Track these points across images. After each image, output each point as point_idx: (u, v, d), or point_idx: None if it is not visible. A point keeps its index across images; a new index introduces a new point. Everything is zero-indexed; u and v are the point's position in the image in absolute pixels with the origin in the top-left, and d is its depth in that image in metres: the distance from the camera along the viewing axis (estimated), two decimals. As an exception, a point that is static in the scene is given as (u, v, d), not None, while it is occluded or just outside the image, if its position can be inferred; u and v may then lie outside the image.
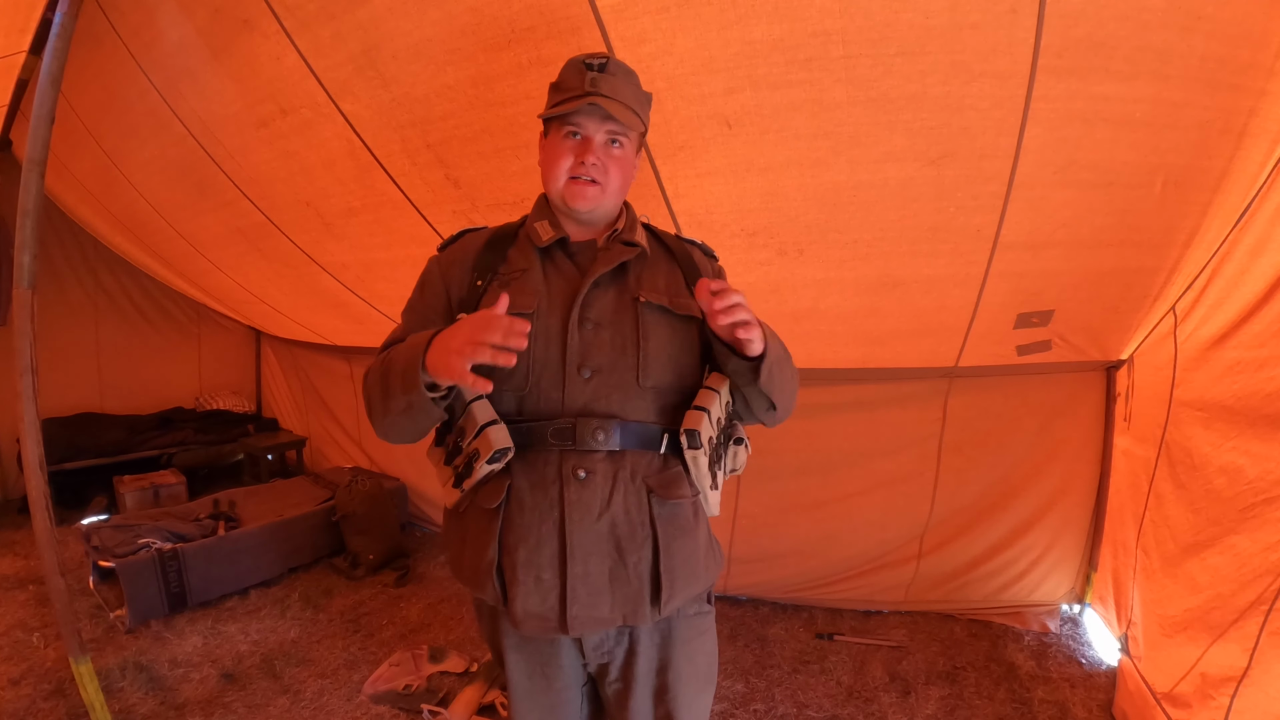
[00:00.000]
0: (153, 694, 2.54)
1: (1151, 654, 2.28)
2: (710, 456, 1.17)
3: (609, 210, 1.25)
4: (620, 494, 1.12)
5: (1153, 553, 2.34)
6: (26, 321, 2.02)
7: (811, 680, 2.68)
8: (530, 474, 1.12)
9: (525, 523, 1.11)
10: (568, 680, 1.26)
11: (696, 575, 1.19)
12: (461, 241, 1.31)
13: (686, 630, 1.24)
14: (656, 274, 1.25)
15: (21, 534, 4.09)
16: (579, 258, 1.24)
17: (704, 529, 1.24)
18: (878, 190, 1.92)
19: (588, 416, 1.12)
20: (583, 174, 1.17)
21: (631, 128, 1.19)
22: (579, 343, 1.15)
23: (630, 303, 1.19)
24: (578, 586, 1.10)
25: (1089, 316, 2.51)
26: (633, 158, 1.25)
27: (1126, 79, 1.57)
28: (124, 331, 5.48)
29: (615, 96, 1.14)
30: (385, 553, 3.83)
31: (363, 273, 3.42)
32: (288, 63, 2.12)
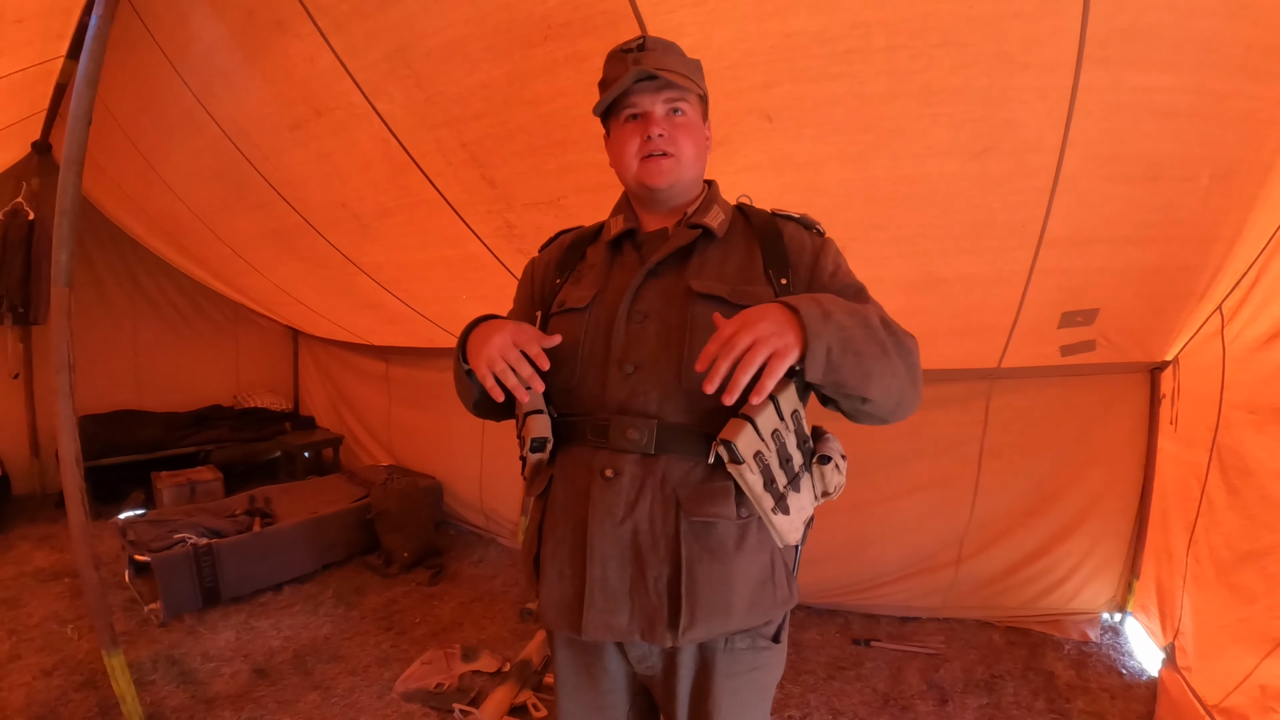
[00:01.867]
0: (184, 687, 2.57)
1: (1203, 665, 2.21)
2: (766, 476, 1.01)
3: (689, 184, 1.18)
4: (646, 501, 1.05)
5: (1205, 560, 2.27)
6: (63, 319, 2.05)
7: (847, 687, 2.64)
8: (566, 468, 1.13)
9: (556, 517, 1.13)
10: (614, 684, 1.21)
11: (730, 608, 1.04)
12: (556, 241, 1.35)
13: (732, 664, 1.11)
14: (727, 259, 1.14)
15: (59, 528, 4.18)
16: (645, 248, 1.18)
17: (755, 558, 1.08)
18: (920, 185, 1.87)
19: (624, 414, 1.07)
20: (652, 149, 1.12)
21: (689, 90, 1.12)
22: (624, 336, 1.10)
23: (683, 293, 1.10)
24: (595, 590, 1.06)
25: (1133, 315, 2.44)
26: (700, 124, 1.18)
27: (1171, 69, 1.52)
28: (162, 331, 5.60)
29: (661, 67, 1.10)
30: (419, 551, 3.85)
31: (398, 273, 3.45)
32: (321, 63, 2.14)
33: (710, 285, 1.09)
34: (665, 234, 1.18)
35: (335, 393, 5.86)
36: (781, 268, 1.12)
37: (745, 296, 1.07)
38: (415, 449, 4.87)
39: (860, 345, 0.95)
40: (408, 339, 4.51)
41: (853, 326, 0.95)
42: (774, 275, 1.11)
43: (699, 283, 1.10)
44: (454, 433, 4.44)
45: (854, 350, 0.94)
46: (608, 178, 2.09)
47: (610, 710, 1.22)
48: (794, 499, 1.05)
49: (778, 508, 1.04)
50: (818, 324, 0.91)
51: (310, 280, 4.19)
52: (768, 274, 1.11)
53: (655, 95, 1.11)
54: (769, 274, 1.11)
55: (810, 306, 0.93)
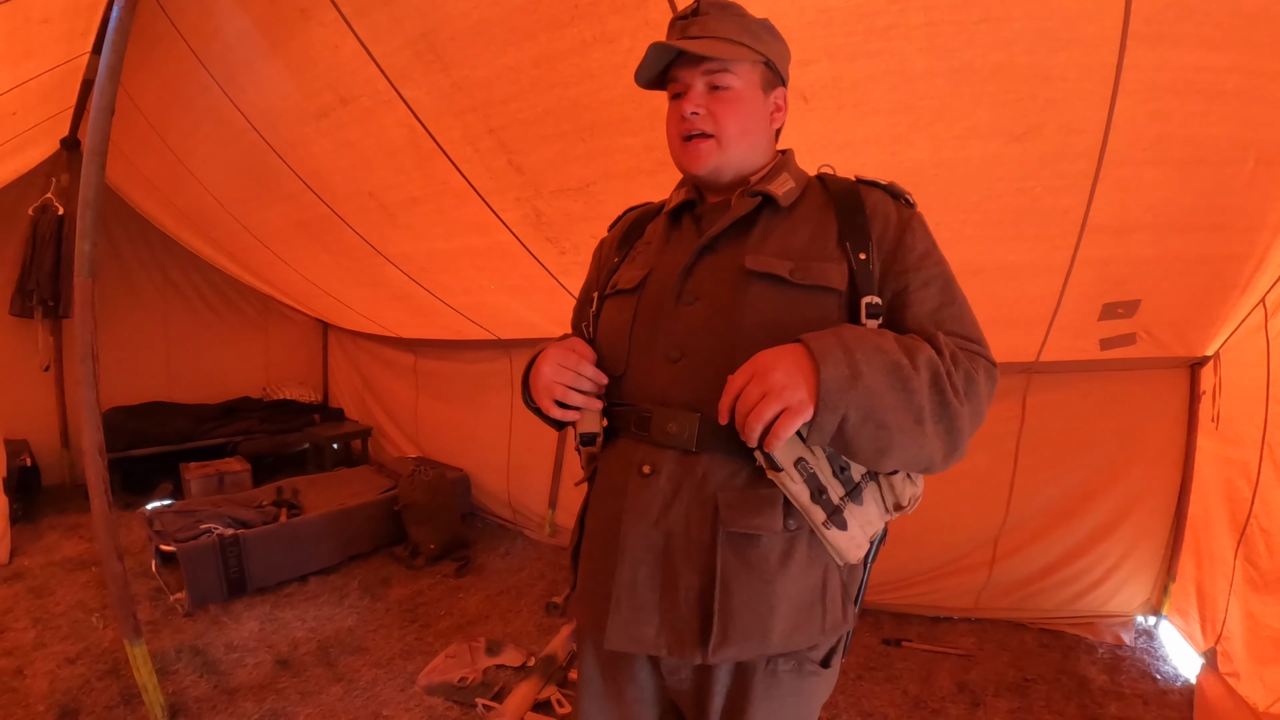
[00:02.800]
0: (206, 677, 2.58)
1: (1254, 670, 2.14)
2: (813, 485, 0.92)
3: (740, 163, 1.05)
4: (682, 503, 0.97)
5: (1261, 563, 2.20)
6: (87, 309, 2.06)
7: (877, 688, 2.59)
8: (609, 460, 1.08)
9: (594, 511, 1.09)
10: (641, 695, 1.11)
11: (768, 630, 0.94)
12: (622, 220, 1.28)
13: (772, 687, 1.01)
14: (795, 232, 1.02)
15: (88, 517, 4.21)
16: (704, 221, 1.08)
17: (804, 577, 0.97)
18: (961, 169, 1.82)
19: (667, 405, 0.99)
20: (687, 129, 1.02)
21: (732, 59, 0.99)
22: (671, 320, 1.02)
23: (737, 271, 0.99)
24: (622, 596, 0.99)
25: (1175, 308, 2.37)
26: (753, 95, 1.04)
27: (1217, 47, 1.46)
28: (191, 323, 5.67)
29: (706, 34, 0.99)
30: (446, 543, 3.85)
31: (425, 263, 3.45)
32: (346, 50, 2.13)
33: (768, 262, 0.98)
34: (727, 205, 1.07)
35: (363, 385, 5.91)
36: (861, 240, 0.99)
37: (810, 274, 0.97)
38: (443, 441, 4.89)
39: (887, 415, 0.84)
40: (436, 331, 4.52)
41: (886, 391, 0.84)
42: (851, 249, 0.98)
43: (755, 259, 0.98)
44: (481, 425, 4.45)
45: (876, 421, 0.84)
46: (637, 162, 2.09)
47: None
48: (854, 512, 0.95)
49: (831, 521, 0.93)
50: (839, 389, 0.82)
51: (338, 272, 4.22)
52: (843, 247, 0.98)
53: (694, 69, 1.01)
54: (845, 247, 0.98)
55: (837, 364, 0.83)
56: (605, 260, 1.23)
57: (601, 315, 1.14)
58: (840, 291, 0.97)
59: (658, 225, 1.16)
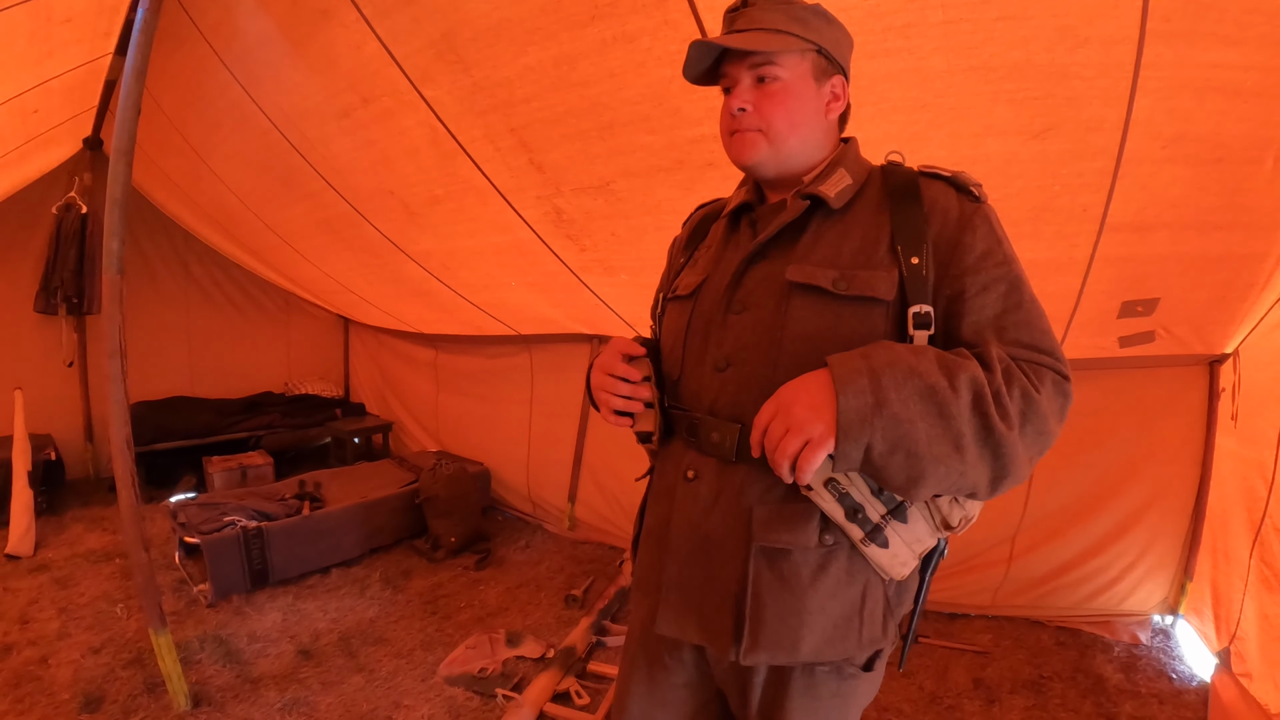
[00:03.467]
0: (229, 667, 2.62)
1: (1267, 672, 2.13)
2: (847, 505, 0.90)
3: (791, 157, 1.02)
4: (720, 512, 0.99)
5: (1275, 564, 2.19)
6: (115, 305, 2.11)
7: (893, 683, 2.59)
8: (664, 461, 1.12)
9: (652, 508, 1.14)
10: (687, 680, 1.15)
11: (797, 641, 0.94)
12: (692, 217, 1.27)
13: (812, 687, 1.01)
14: (847, 236, 0.98)
15: (111, 510, 4.31)
16: (759, 224, 1.06)
17: (840, 592, 0.95)
18: (979, 167, 1.79)
19: (713, 415, 1.01)
20: (734, 125, 1.01)
21: (779, 50, 0.96)
22: (721, 330, 1.02)
23: (783, 281, 0.97)
24: (670, 590, 1.04)
25: (1194, 306, 2.36)
26: (803, 87, 0.99)
27: (1236, 44, 1.44)
28: (214, 319, 5.74)
29: (752, 27, 0.97)
30: (466, 536, 3.89)
31: (447, 260, 3.48)
32: (367, 51, 2.15)
33: (810, 273, 0.95)
34: (783, 206, 1.04)
35: (384, 380, 5.96)
36: (914, 242, 0.93)
37: (855, 284, 0.93)
38: (463, 436, 4.93)
39: (920, 445, 0.81)
40: (457, 326, 4.55)
41: (917, 419, 0.80)
42: (902, 252, 0.93)
43: (798, 270, 0.96)
44: (502, 420, 4.48)
45: (906, 450, 0.81)
46: (658, 160, 2.10)
47: (675, 707, 1.16)
48: (899, 530, 0.92)
49: (870, 539, 0.92)
50: (858, 419, 0.80)
51: (360, 269, 4.25)
52: (894, 251, 0.94)
53: (740, 63, 0.99)
54: (896, 251, 0.94)
55: (858, 393, 0.81)
56: (673, 260, 1.25)
57: (664, 319, 1.17)
58: (887, 302, 0.93)
59: (719, 227, 1.15)
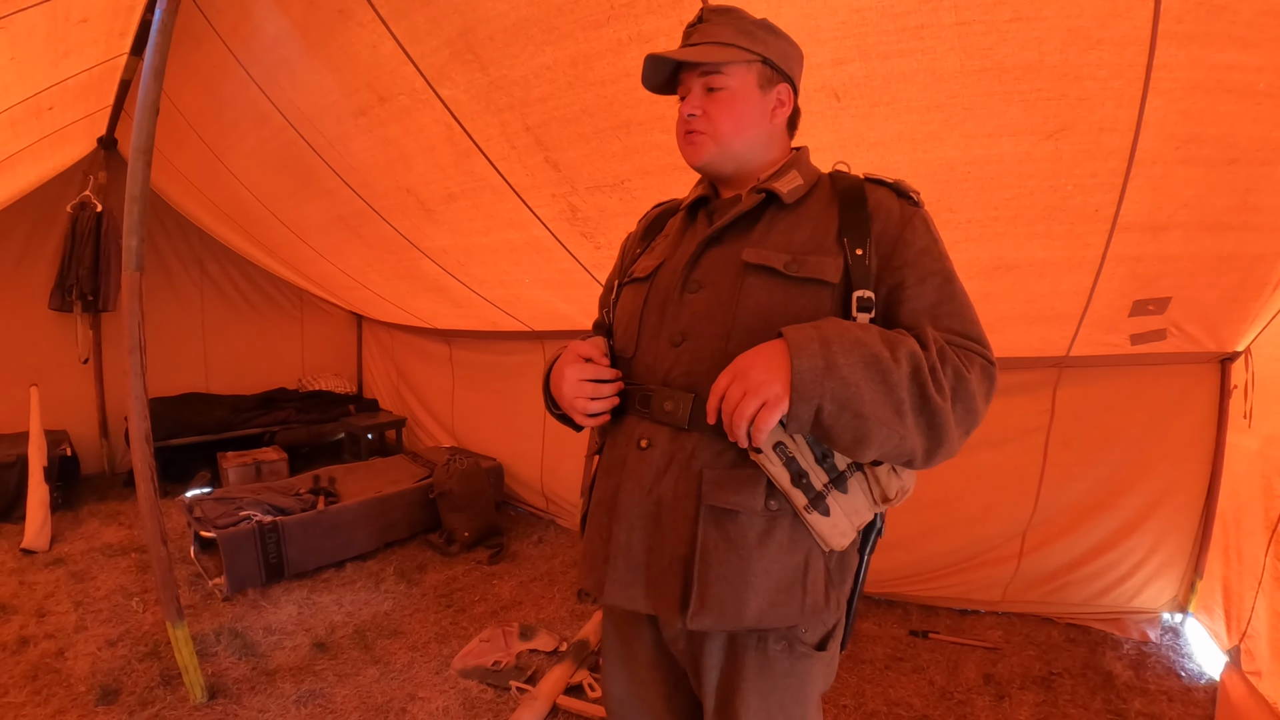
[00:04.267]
0: (245, 659, 2.66)
1: (1278, 669, 2.13)
2: (793, 470, 0.96)
3: (738, 157, 1.12)
4: (672, 475, 1.04)
5: None
6: (135, 302, 2.14)
7: (903, 678, 2.61)
8: (615, 434, 1.16)
9: (601, 481, 1.17)
10: (652, 660, 1.20)
11: (742, 603, 0.99)
12: (648, 213, 1.35)
13: (765, 665, 1.06)
14: (797, 227, 1.07)
15: (126, 505, 4.38)
16: (716, 215, 1.16)
17: (784, 557, 1.01)
18: (993, 166, 1.82)
19: (667, 386, 1.07)
20: (685, 128, 1.11)
21: (725, 61, 1.06)
22: (677, 307, 1.09)
23: (737, 263, 1.06)
24: (618, 556, 1.08)
25: (1206, 304, 2.36)
26: (748, 94, 1.09)
27: (1249, 46, 1.44)
28: (229, 316, 5.80)
29: (705, 40, 1.07)
30: (480, 530, 3.93)
31: (462, 257, 3.50)
32: (384, 50, 2.17)
33: (765, 255, 1.04)
34: (739, 200, 1.14)
35: (398, 376, 6.00)
36: (859, 236, 1.03)
37: (805, 267, 1.02)
38: (477, 431, 4.96)
39: (865, 406, 0.88)
40: (472, 322, 4.58)
41: (863, 383, 0.88)
42: (848, 244, 1.02)
43: (753, 253, 1.05)
44: (516, 415, 4.51)
45: (853, 411, 0.88)
46: (672, 159, 2.12)
47: (647, 687, 1.22)
48: (839, 500, 0.99)
49: (812, 506, 0.97)
50: (812, 380, 0.87)
51: (376, 265, 4.28)
52: (841, 242, 1.03)
53: (692, 72, 1.10)
54: (843, 242, 1.03)
55: (811, 356, 0.88)
56: (629, 251, 1.32)
57: (619, 301, 1.23)
58: (834, 285, 1.01)
59: (676, 220, 1.24)
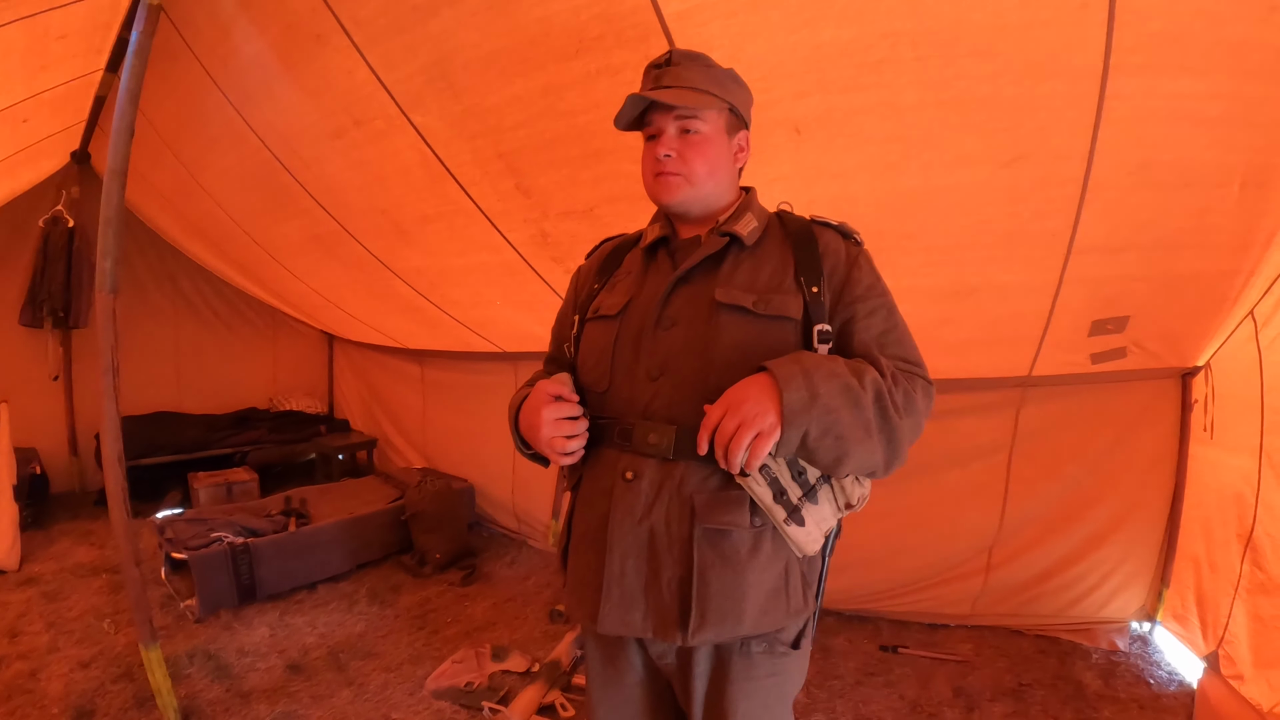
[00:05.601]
0: (219, 681, 2.63)
1: (1260, 672, 2.19)
2: (775, 488, 1.04)
3: (706, 199, 1.18)
4: (663, 504, 1.09)
5: (1269, 567, 2.25)
6: (108, 324, 2.12)
7: (874, 693, 2.64)
8: (595, 468, 1.18)
9: (583, 513, 1.20)
10: (637, 678, 1.25)
11: (740, 613, 1.07)
12: (600, 249, 1.39)
13: (749, 668, 1.13)
14: (759, 268, 1.14)
15: (97, 525, 4.30)
16: (678, 255, 1.21)
17: (769, 567, 1.09)
18: (951, 195, 1.88)
19: (648, 419, 1.11)
20: (660, 169, 1.15)
21: (701, 107, 1.12)
22: (652, 343, 1.13)
23: (709, 301, 1.11)
24: (612, 585, 1.10)
25: (1166, 322, 2.43)
26: (719, 139, 1.17)
27: (1201, 75, 1.52)
28: (201, 335, 5.75)
29: (679, 84, 1.11)
30: (453, 552, 3.91)
31: (436, 279, 3.51)
32: (360, 76, 2.19)
33: (735, 295, 1.11)
34: (698, 241, 1.20)
35: (370, 396, 5.96)
36: (814, 275, 1.12)
37: (771, 306, 1.10)
38: (449, 452, 4.93)
39: (843, 429, 0.98)
40: (444, 343, 4.58)
41: (841, 409, 0.97)
42: (805, 283, 1.11)
43: (724, 292, 1.11)
44: (487, 436, 4.48)
45: (834, 434, 0.98)
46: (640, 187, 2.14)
47: (632, 705, 1.26)
48: (811, 511, 1.06)
49: (791, 519, 1.05)
50: (800, 409, 0.95)
51: (350, 285, 4.28)
52: (799, 281, 1.12)
53: (667, 114, 1.14)
54: (800, 281, 1.12)
55: (798, 388, 0.96)
56: (583, 286, 1.34)
57: (584, 337, 1.26)
58: (797, 320, 1.10)
59: (636, 257, 1.28)
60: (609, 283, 1.28)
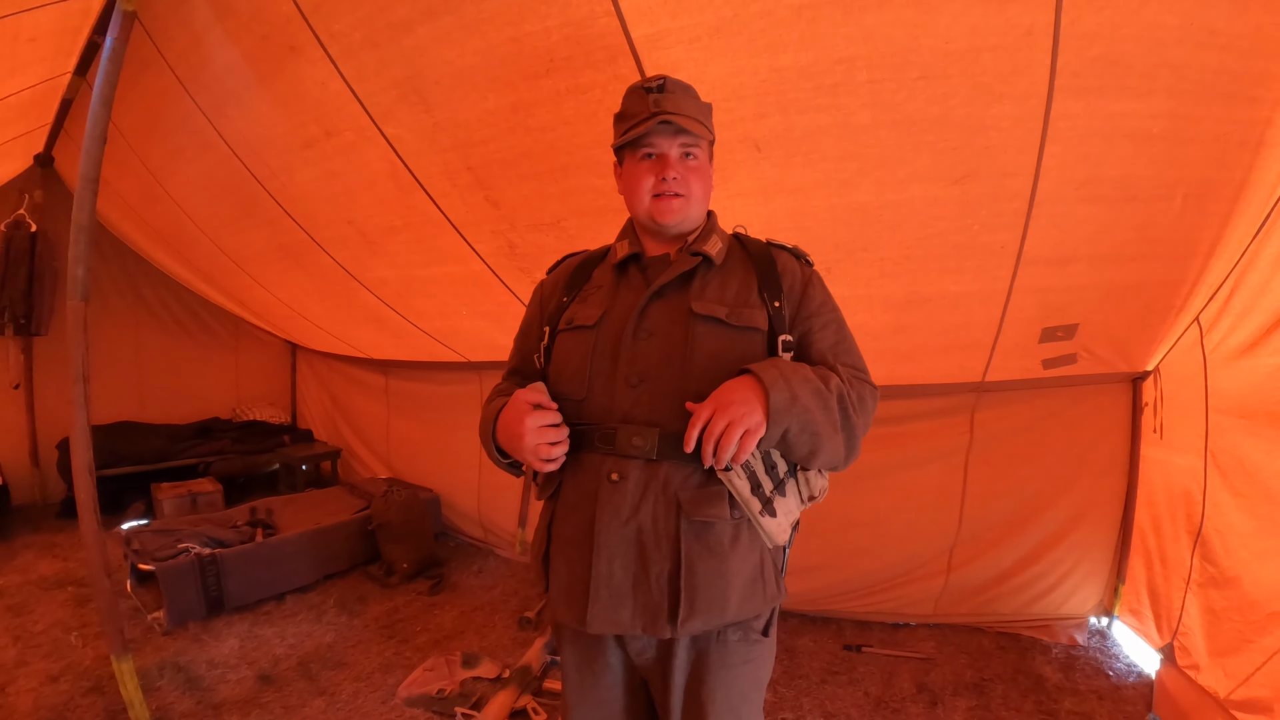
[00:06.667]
0: (190, 693, 2.61)
1: (1217, 661, 2.27)
2: (752, 481, 1.12)
3: (694, 220, 1.28)
4: (649, 503, 1.14)
5: (1220, 561, 2.33)
6: (79, 332, 2.11)
7: (840, 691, 2.69)
8: (577, 474, 1.22)
9: (565, 517, 1.23)
10: (615, 678, 1.29)
11: (725, 601, 1.14)
12: (564, 265, 1.45)
13: (726, 655, 1.21)
14: (726, 284, 1.25)
15: (62, 536, 4.22)
16: (649, 271, 1.28)
17: (748, 557, 1.18)
18: (904, 209, 1.96)
19: (630, 423, 1.16)
20: (665, 190, 1.22)
21: (701, 137, 1.23)
22: (631, 352, 1.19)
23: (685, 313, 1.19)
24: (600, 586, 1.15)
25: (1114, 329, 2.53)
26: (708, 167, 1.29)
27: (1143, 95, 1.61)
28: (164, 344, 5.66)
29: (680, 111, 1.19)
30: (419, 561, 3.90)
31: (402, 289, 3.51)
32: (333, 88, 2.21)
33: (710, 307, 1.19)
34: (668, 259, 1.28)
35: (334, 406, 5.90)
36: (775, 292, 1.23)
37: (742, 318, 1.19)
38: (414, 462, 4.91)
39: (817, 426, 1.09)
40: (408, 353, 4.56)
41: (815, 409, 1.08)
42: (768, 298, 1.22)
43: (700, 305, 1.20)
44: (453, 446, 4.48)
45: (810, 430, 1.08)
46: (607, 201, 2.21)
47: (611, 705, 1.30)
48: (780, 503, 1.15)
49: (765, 510, 1.14)
50: (784, 409, 1.05)
51: (315, 294, 4.24)
52: (762, 296, 1.22)
53: (672, 139, 1.22)
54: (763, 296, 1.22)
55: (781, 390, 1.05)
56: (550, 298, 1.39)
57: (557, 347, 1.30)
58: (764, 331, 1.20)
59: (606, 272, 1.34)
60: (580, 295, 1.33)
